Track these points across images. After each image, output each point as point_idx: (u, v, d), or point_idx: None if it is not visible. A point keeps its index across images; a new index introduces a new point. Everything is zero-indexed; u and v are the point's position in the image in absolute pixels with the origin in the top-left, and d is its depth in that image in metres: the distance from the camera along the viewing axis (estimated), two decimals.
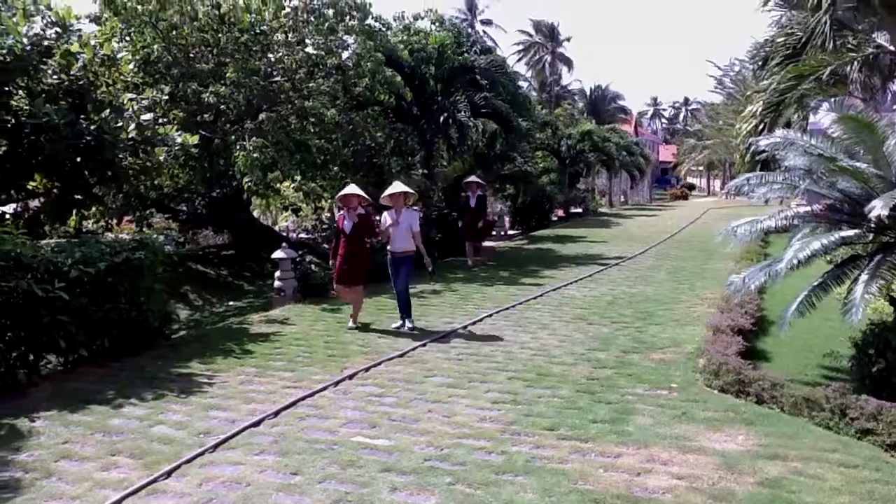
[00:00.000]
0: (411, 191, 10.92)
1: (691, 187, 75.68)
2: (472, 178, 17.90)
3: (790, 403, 6.58)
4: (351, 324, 10.53)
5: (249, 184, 14.22)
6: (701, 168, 73.65)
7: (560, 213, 36.83)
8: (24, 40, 9.49)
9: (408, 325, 10.35)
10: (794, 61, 13.54)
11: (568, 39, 73.88)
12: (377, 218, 11.17)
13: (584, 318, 10.97)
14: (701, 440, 5.90)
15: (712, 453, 5.62)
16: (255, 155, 14.03)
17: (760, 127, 13.90)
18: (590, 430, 6.17)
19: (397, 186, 10.75)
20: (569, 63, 74.96)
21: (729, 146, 45.32)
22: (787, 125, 14.65)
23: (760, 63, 16.17)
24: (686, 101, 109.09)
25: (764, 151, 9.68)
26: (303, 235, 23.92)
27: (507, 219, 30.24)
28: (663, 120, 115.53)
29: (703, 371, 7.65)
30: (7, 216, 11.19)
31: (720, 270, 15.35)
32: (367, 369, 8.24)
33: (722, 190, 63.22)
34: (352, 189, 10.53)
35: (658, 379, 7.66)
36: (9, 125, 10.21)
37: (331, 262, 10.70)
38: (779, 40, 14.41)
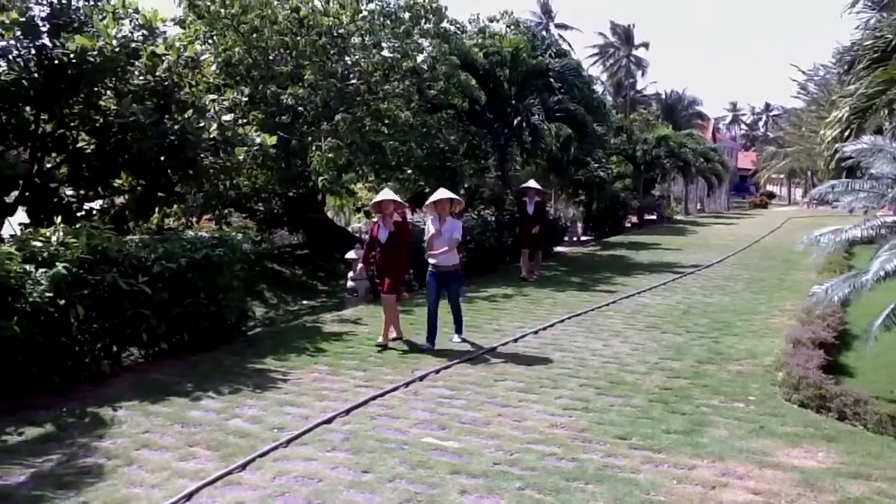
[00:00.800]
0: (457, 197, 10.07)
1: (771, 195, 73.70)
2: (531, 184, 16.55)
3: (874, 421, 6.32)
4: (381, 339, 9.62)
5: (324, 182, 14.43)
6: (781, 176, 71.59)
7: (634, 219, 36.32)
8: (114, 42, 9.84)
9: (455, 338, 9.76)
10: (882, 65, 13.05)
11: (646, 45, 72.73)
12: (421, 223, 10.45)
13: (658, 327, 10.78)
14: (779, 455, 5.73)
15: (791, 469, 5.45)
16: (329, 155, 14.24)
17: (846, 133, 13.46)
18: (663, 440, 6.05)
19: (442, 192, 9.92)
20: (644, 67, 73.97)
21: (812, 153, 43.99)
22: (878, 131, 14.12)
23: (846, 67, 15.69)
24: (767, 107, 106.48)
25: (849, 158, 9.35)
26: None
27: (579, 224, 29.97)
28: (743, 126, 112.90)
29: (783, 384, 7.42)
30: (94, 212, 11.62)
31: (801, 281, 14.91)
32: (437, 371, 8.26)
33: (803, 199, 61.45)
34: (387, 194, 9.91)
35: (734, 391, 7.47)
36: (97, 124, 10.62)
37: (357, 269, 10.23)
38: (867, 43, 13.91)
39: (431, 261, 9.56)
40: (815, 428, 6.33)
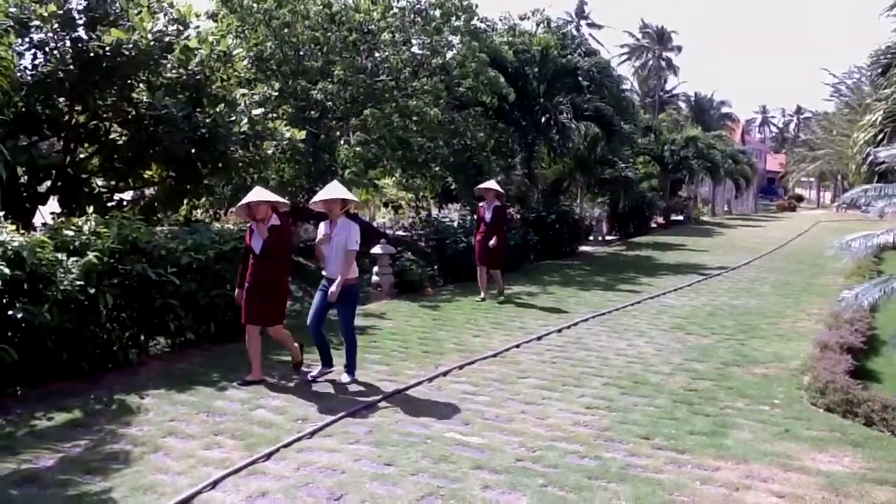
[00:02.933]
0: (351, 196, 7.95)
1: (799, 198, 72.83)
2: (489, 185, 13.23)
3: None
4: (249, 376, 7.52)
5: (351, 175, 14.49)
6: (811, 179, 70.74)
7: (660, 220, 36.10)
8: (148, 36, 9.95)
9: (344, 377, 7.65)
10: None
11: (679, 49, 72.24)
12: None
13: (683, 328, 10.72)
14: (804, 459, 5.68)
15: (816, 473, 5.40)
16: (357, 149, 14.30)
17: (880, 137, 13.28)
18: (687, 441, 6.02)
19: (331, 190, 7.79)
20: (675, 68, 73.46)
21: (842, 157, 43.43)
22: None
23: (881, 70, 15.47)
24: (798, 110, 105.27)
25: (882, 163, 9.24)
26: (400, 233, 24.23)
27: (604, 224, 29.86)
28: (772, 129, 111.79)
29: (809, 388, 7.35)
30: (125, 203, 11.76)
31: (829, 286, 14.75)
32: (460, 367, 8.28)
33: (833, 202, 60.69)
34: (259, 194, 7.45)
35: (760, 394, 7.41)
36: (129, 116, 10.75)
37: (237, 293, 7.76)
38: None
39: (324, 272, 7.82)
40: (841, 433, 6.27)
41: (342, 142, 14.97)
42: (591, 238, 26.14)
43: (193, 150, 10.61)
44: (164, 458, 5.53)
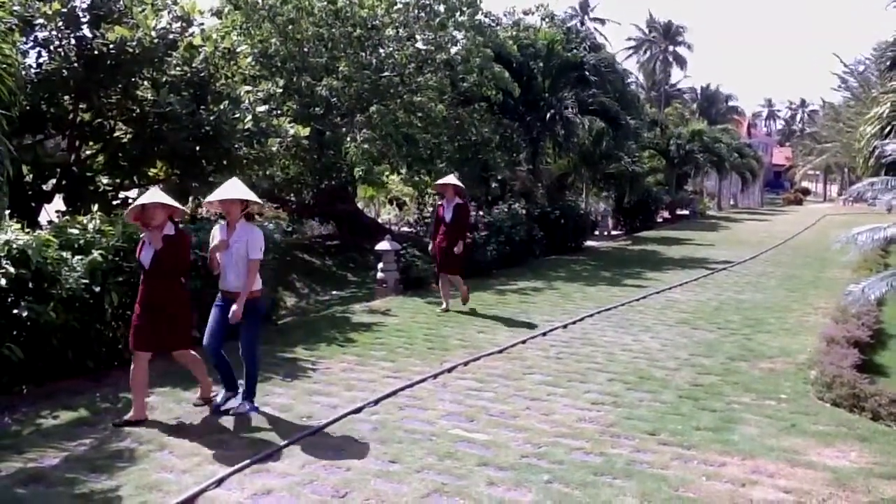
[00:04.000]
0: (253, 197, 6.74)
1: (806, 192, 72.63)
2: (449, 180, 11.68)
3: None
4: (129, 415, 6.30)
5: (360, 173, 14.48)
6: (817, 172, 70.55)
7: (666, 214, 36.02)
8: (153, 33, 9.95)
9: (245, 405, 6.58)
10: None
11: (687, 44, 71.99)
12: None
13: (689, 323, 10.69)
14: (811, 454, 5.66)
15: (823, 468, 5.38)
16: (365, 146, 14.30)
17: (887, 130, 13.21)
18: (693, 436, 6.00)
19: (231, 188, 6.65)
20: (682, 62, 73.22)
21: (850, 149, 43.29)
22: None
23: (889, 63, 15.39)
24: (803, 103, 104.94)
25: (889, 155, 9.20)
26: (405, 229, 24.23)
27: (610, 219, 29.82)
28: (779, 122, 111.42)
29: (815, 383, 7.32)
30: (130, 201, 11.77)
31: (835, 279, 14.70)
32: (466, 363, 8.27)
33: (840, 195, 60.51)
34: (155, 196, 6.38)
35: (766, 388, 7.38)
36: (134, 114, 10.76)
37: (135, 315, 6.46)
38: None
39: (220, 285, 6.72)
40: (848, 427, 6.24)
41: (348, 138, 14.94)
42: (596, 233, 26.10)
43: (198, 148, 10.62)
44: (168, 456, 5.54)
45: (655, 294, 13.21)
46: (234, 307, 6.39)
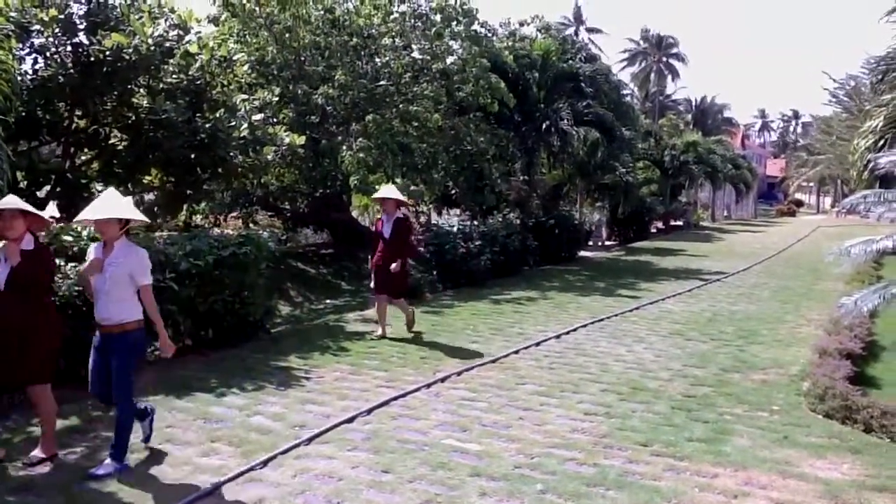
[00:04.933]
0: (132, 214, 5.75)
1: (799, 203, 72.83)
2: (386, 192, 10.40)
3: None
4: (37, 450, 5.58)
5: (356, 182, 14.50)
6: (811, 184, 70.76)
7: (660, 225, 36.11)
8: (149, 41, 9.96)
9: (111, 467, 5.35)
10: None
11: (679, 56, 72.27)
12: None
13: (682, 334, 10.70)
14: (803, 466, 5.67)
15: (815, 480, 5.39)
16: (361, 155, 14.32)
17: (880, 143, 13.29)
18: (685, 448, 6.01)
19: (102, 206, 5.67)
20: (675, 73, 73.51)
21: (843, 161, 43.45)
22: None
23: (880, 76, 15.48)
24: (796, 115, 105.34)
25: (883, 168, 9.25)
26: None
27: (604, 229, 29.87)
28: (772, 133, 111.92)
29: (808, 395, 7.34)
30: None
31: (828, 291, 14.74)
32: (459, 373, 8.26)
33: (833, 207, 60.72)
34: (13, 202, 5.49)
35: (759, 400, 7.39)
36: (129, 121, 10.76)
37: None
38: None
39: (95, 316, 5.62)
40: (840, 439, 6.26)
41: (344, 147, 14.97)
42: (590, 243, 26.13)
43: (193, 156, 10.62)
44: (161, 466, 5.52)
45: (649, 305, 13.23)
46: (161, 337, 5.70)
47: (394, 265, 9.93)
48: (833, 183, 64.86)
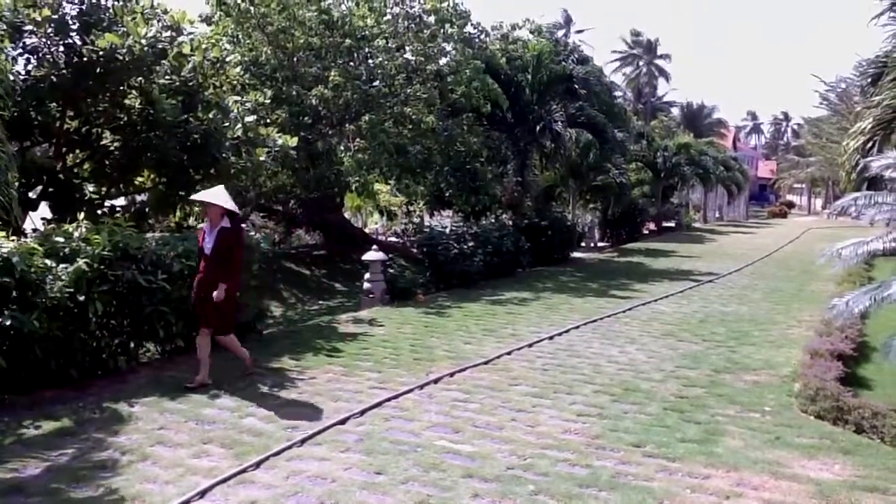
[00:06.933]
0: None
1: (790, 205, 73.07)
2: (209, 195, 7.74)
3: (892, 434, 6.26)
4: None
5: (356, 184, 14.50)
6: (802, 186, 71.04)
7: (652, 226, 36.18)
8: (143, 42, 9.92)
9: None
10: None
11: (668, 57, 72.47)
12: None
13: (674, 335, 10.73)
14: (794, 467, 5.69)
15: (806, 481, 5.41)
16: (360, 156, 14.33)
17: (870, 145, 13.33)
18: (677, 449, 6.02)
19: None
20: (666, 75, 73.65)
21: (833, 163, 43.62)
22: None
23: (871, 79, 15.51)
24: (786, 117, 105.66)
25: (873, 171, 9.28)
26: (392, 239, 24.22)
27: (596, 230, 29.92)
28: (763, 135, 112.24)
29: (799, 395, 7.36)
30: (117, 209, 11.73)
31: (819, 292, 14.80)
32: (452, 374, 8.26)
33: (824, 208, 60.92)
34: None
35: (750, 401, 7.42)
36: (122, 122, 10.73)
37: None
38: (895, 55, 13.76)
39: None
40: (831, 440, 6.28)
41: (341, 148, 14.97)
42: (583, 244, 26.19)
43: (186, 157, 10.59)
44: (152, 467, 5.50)
45: (641, 306, 13.25)
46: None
47: (216, 292, 7.47)
48: (824, 184, 65.10)
